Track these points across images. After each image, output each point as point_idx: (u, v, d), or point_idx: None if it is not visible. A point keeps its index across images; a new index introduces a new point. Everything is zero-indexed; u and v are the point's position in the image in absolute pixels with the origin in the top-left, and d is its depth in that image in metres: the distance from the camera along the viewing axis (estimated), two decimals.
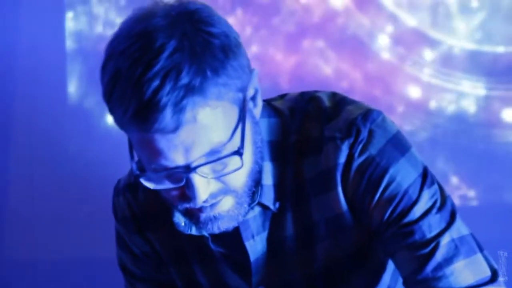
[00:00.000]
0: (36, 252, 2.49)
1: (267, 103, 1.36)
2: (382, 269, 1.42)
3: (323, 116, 1.31)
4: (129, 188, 1.46)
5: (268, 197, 1.31)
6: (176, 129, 1.12)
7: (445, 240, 1.26)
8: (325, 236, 1.34)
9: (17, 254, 2.51)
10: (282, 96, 1.40)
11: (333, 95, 1.35)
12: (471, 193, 2.27)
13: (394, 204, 1.27)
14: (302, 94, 1.37)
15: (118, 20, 2.19)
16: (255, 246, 1.35)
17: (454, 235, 1.27)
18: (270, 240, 1.36)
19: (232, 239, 1.34)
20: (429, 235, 1.26)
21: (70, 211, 2.46)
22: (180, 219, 1.34)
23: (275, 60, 2.26)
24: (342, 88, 2.28)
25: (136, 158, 1.22)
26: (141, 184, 1.21)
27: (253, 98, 1.24)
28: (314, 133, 1.31)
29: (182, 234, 1.36)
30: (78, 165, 2.50)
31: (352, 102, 1.33)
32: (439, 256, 1.26)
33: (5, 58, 2.49)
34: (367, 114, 1.29)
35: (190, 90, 1.11)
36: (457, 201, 1.37)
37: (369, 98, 2.27)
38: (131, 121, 1.13)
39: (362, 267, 1.40)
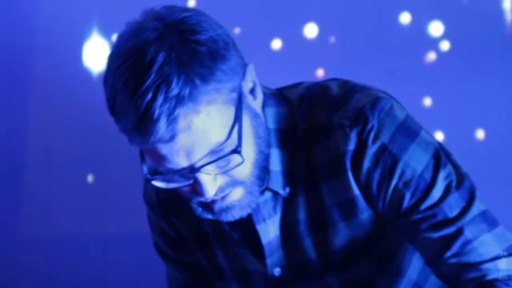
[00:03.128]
0: (52, 228, 2.51)
1: (278, 92, 1.41)
2: (395, 251, 1.44)
3: (331, 104, 1.35)
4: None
5: (276, 182, 1.37)
6: (172, 138, 1.18)
7: (468, 217, 1.31)
8: (338, 220, 1.38)
9: (33, 230, 2.52)
10: (296, 85, 1.44)
11: (344, 83, 1.39)
12: None
13: (411, 190, 1.32)
14: (314, 83, 1.41)
15: None
16: (267, 229, 1.40)
17: (475, 212, 1.32)
18: (282, 224, 1.41)
19: (245, 223, 1.38)
20: (452, 214, 1.31)
21: (87, 187, 2.48)
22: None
23: None
24: None
25: (146, 162, 1.28)
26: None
27: (252, 91, 1.29)
28: (322, 121, 1.35)
29: (204, 219, 1.40)
30: (96, 141, 2.51)
31: (362, 89, 1.36)
32: (467, 233, 1.30)
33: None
34: (375, 102, 1.32)
35: (181, 100, 1.17)
36: None
37: None
38: (131, 134, 1.20)
39: (375, 249, 1.42)
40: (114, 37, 1.25)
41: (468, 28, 2.31)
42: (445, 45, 2.33)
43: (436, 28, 2.33)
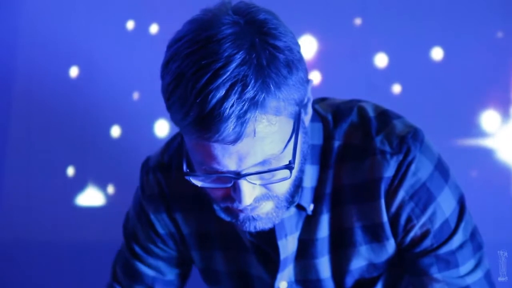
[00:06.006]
0: (30, 232, 2.46)
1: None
2: (401, 278, 1.44)
3: (369, 126, 1.35)
4: (160, 168, 1.49)
5: (306, 199, 1.36)
6: (235, 141, 1.14)
7: (476, 277, 1.36)
8: (360, 242, 1.37)
9: (10, 234, 2.46)
10: (323, 100, 1.44)
11: (377, 107, 1.40)
12: None
13: (435, 232, 1.34)
14: (345, 101, 1.42)
15: None
16: (287, 245, 1.39)
17: (483, 272, 1.36)
18: (301, 240, 1.40)
19: (266, 235, 1.38)
20: (463, 269, 1.35)
21: (65, 193, 2.42)
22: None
23: None
24: None
25: (185, 156, 1.25)
26: (181, 170, 1.24)
27: (305, 106, 1.26)
28: (357, 141, 1.35)
29: (211, 219, 1.41)
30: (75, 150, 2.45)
31: (397, 116, 1.38)
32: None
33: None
34: (416, 133, 1.34)
35: (254, 104, 1.13)
36: None
37: None
38: (191, 127, 1.14)
39: (388, 272, 1.42)
40: None
41: None
42: None
43: None
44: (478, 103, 2.27)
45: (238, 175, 1.20)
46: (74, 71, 2.53)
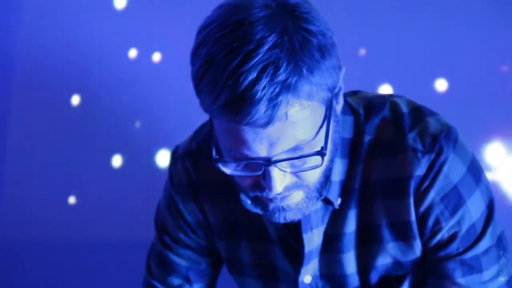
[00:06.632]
0: (30, 232, 2.43)
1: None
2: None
3: (402, 122, 1.33)
4: (189, 155, 1.48)
5: (333, 193, 1.33)
6: (267, 124, 1.12)
7: (500, 281, 1.34)
8: (387, 239, 1.35)
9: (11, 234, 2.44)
10: (355, 93, 1.42)
11: (411, 102, 1.37)
12: None
13: (463, 235, 1.31)
14: (378, 95, 1.39)
15: None
16: (312, 238, 1.37)
17: (506, 275, 1.34)
18: (326, 235, 1.37)
19: (292, 227, 1.36)
20: (487, 273, 1.33)
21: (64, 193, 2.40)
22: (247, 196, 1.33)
23: None
24: None
25: (214, 144, 1.23)
26: (211, 158, 1.21)
27: (336, 95, 1.24)
28: (389, 137, 1.32)
29: (239, 209, 1.37)
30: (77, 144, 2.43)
31: (431, 113, 1.34)
32: None
33: None
34: (449, 132, 1.31)
35: (286, 88, 1.11)
36: None
37: None
38: (221, 110, 1.13)
39: (416, 272, 1.40)
40: None
41: None
42: None
43: None
44: (482, 136, 2.25)
45: (269, 162, 1.17)
46: (75, 100, 2.52)
